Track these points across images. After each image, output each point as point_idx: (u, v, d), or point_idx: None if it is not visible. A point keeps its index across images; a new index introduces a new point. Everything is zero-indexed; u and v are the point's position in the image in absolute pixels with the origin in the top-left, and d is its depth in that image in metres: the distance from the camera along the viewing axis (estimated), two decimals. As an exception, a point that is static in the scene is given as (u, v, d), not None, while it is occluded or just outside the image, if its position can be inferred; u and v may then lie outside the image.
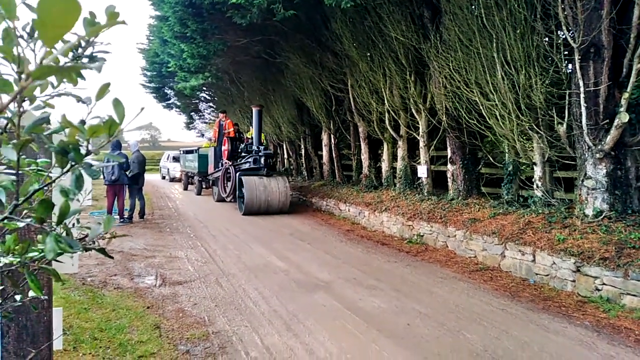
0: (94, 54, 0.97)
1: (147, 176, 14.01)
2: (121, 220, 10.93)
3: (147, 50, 23.91)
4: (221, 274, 6.57)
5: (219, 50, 13.10)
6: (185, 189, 20.55)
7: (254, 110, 13.84)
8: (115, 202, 10.81)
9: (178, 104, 29.12)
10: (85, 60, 0.98)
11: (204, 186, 18.38)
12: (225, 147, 14.90)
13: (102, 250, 0.94)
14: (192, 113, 31.88)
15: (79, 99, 1.00)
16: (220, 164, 15.45)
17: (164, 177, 27.60)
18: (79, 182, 0.82)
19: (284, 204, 12.69)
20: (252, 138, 14.05)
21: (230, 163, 14.16)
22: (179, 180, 24.23)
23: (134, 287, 5.91)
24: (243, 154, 14.00)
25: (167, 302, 5.32)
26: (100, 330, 4.39)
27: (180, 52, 14.11)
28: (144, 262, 7.27)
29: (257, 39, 13.70)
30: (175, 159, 25.77)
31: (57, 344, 2.52)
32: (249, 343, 4.18)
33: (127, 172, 10.94)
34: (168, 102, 28.79)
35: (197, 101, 29.22)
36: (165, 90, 26.68)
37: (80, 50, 0.98)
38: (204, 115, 32.45)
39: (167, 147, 74.40)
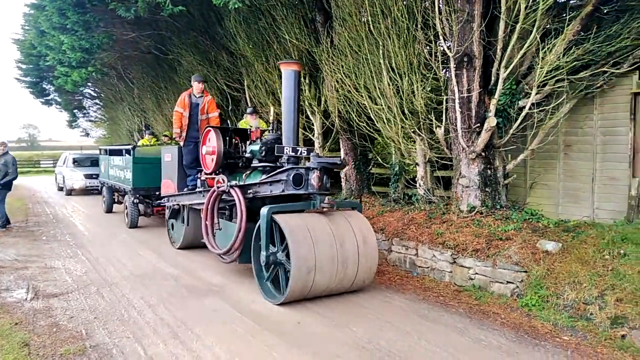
0: None
1: (32, 183, 12.39)
2: None
3: (22, 41, 21.66)
4: (103, 284, 6.14)
5: (104, 44, 12.28)
6: (109, 211, 13.20)
7: (286, 71, 6.17)
8: None
9: (59, 100, 26.70)
10: None
11: (141, 212, 10.88)
12: (210, 147, 6.94)
13: None
14: (76, 110, 29.47)
15: None
16: (193, 179, 8.00)
17: (61, 189, 19.73)
18: None
19: (368, 276, 5.68)
20: (272, 129, 6.72)
21: (230, 183, 6.21)
22: (90, 193, 18.09)
23: (0, 302, 5.32)
24: (255, 164, 6.70)
25: (39, 317, 4.85)
26: (-45, 354, 3.88)
27: (59, 44, 12.96)
28: (13, 274, 6.56)
29: (147, 33, 13.07)
30: (77, 163, 18.94)
31: None
32: (130, 355, 3.94)
33: None
34: (47, 98, 26.28)
35: (80, 97, 27.07)
36: (44, 85, 24.34)
37: None
38: (88, 113, 30.15)
39: (47, 147, 68.06)
